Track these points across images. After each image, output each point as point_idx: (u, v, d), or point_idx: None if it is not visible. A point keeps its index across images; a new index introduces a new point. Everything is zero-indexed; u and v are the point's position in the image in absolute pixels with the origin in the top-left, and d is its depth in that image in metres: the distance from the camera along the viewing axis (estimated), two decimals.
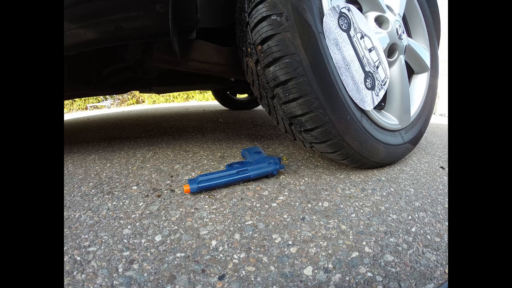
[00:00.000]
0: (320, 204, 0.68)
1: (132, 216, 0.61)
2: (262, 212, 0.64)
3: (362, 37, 0.79)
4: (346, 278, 0.44)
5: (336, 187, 0.78)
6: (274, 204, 0.67)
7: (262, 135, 1.55)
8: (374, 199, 0.71)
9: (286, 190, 0.76)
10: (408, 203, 0.70)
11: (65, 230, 0.56)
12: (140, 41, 0.94)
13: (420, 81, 1.13)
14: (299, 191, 0.75)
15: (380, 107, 0.97)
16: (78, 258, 0.47)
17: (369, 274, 0.45)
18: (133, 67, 1.18)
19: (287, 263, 0.47)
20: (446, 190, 0.79)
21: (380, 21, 0.91)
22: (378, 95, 0.84)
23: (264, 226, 0.58)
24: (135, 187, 0.79)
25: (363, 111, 0.83)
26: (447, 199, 0.73)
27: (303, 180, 0.83)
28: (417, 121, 1.07)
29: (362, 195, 0.73)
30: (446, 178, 0.90)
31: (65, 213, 0.63)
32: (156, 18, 0.71)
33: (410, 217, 0.63)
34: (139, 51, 1.03)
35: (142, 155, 1.14)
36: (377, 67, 0.83)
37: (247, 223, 0.59)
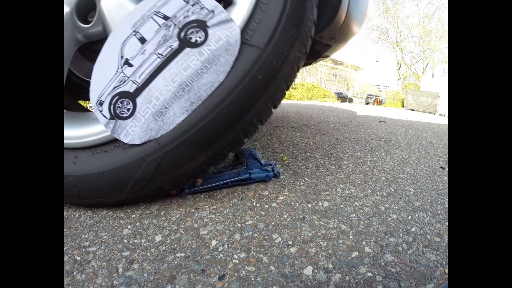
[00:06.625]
0: (320, 204, 0.68)
1: (132, 216, 0.61)
2: (262, 212, 0.64)
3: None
4: (346, 278, 0.44)
5: (336, 187, 0.78)
6: (274, 204, 0.67)
7: (262, 135, 1.55)
8: (374, 199, 0.71)
9: (286, 190, 0.76)
10: (408, 203, 0.70)
11: (65, 230, 0.56)
12: None
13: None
14: (299, 191, 0.75)
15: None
16: (78, 258, 0.47)
17: (369, 274, 0.45)
18: None
19: (287, 263, 0.47)
20: (446, 190, 0.79)
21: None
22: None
23: (264, 226, 0.58)
24: None
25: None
26: (447, 199, 0.73)
27: (303, 180, 0.83)
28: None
29: (362, 195, 0.73)
30: (446, 178, 0.90)
31: (65, 213, 0.63)
32: None
33: (410, 217, 0.63)
34: None
35: None
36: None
37: (247, 223, 0.59)
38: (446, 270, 0.46)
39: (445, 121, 2.99)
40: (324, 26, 0.81)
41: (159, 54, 0.54)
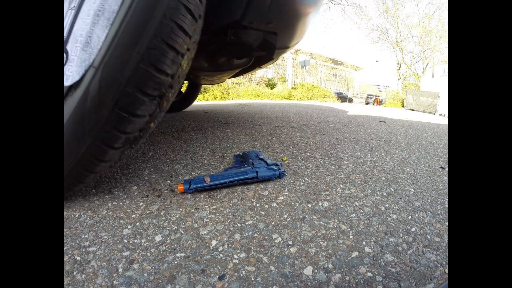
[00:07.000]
0: (320, 204, 0.68)
1: (132, 216, 0.61)
2: (262, 212, 0.64)
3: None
4: (346, 278, 0.44)
5: (336, 187, 0.78)
6: (274, 204, 0.67)
7: (262, 135, 1.55)
8: (374, 199, 0.71)
9: (286, 190, 0.76)
10: (408, 203, 0.70)
11: (65, 230, 0.56)
12: None
13: None
14: (299, 191, 0.75)
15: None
16: (78, 258, 0.47)
17: (369, 274, 0.45)
18: None
19: (287, 263, 0.47)
20: (446, 190, 0.79)
21: None
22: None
23: (264, 226, 0.58)
24: (135, 187, 0.79)
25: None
26: (447, 199, 0.73)
27: (303, 180, 0.83)
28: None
29: (362, 195, 0.73)
30: (446, 178, 0.90)
31: (65, 213, 0.63)
32: None
33: (410, 217, 0.63)
34: None
35: (142, 155, 1.14)
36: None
37: (247, 223, 0.59)
38: (446, 270, 0.46)
39: (445, 121, 2.99)
40: (245, 7, 0.74)
41: (71, 7, 0.61)
